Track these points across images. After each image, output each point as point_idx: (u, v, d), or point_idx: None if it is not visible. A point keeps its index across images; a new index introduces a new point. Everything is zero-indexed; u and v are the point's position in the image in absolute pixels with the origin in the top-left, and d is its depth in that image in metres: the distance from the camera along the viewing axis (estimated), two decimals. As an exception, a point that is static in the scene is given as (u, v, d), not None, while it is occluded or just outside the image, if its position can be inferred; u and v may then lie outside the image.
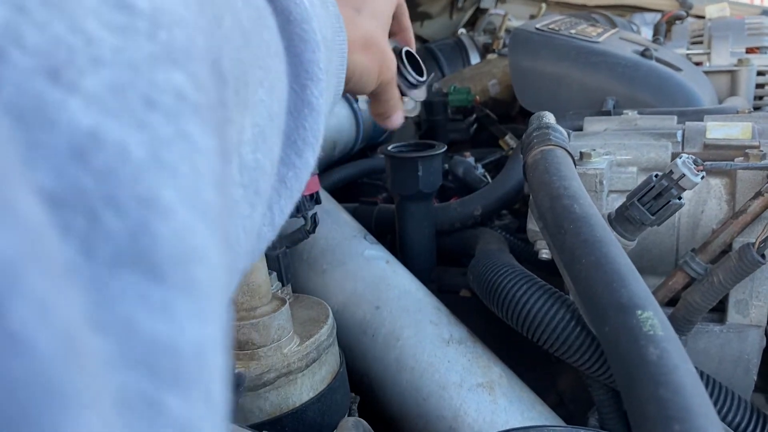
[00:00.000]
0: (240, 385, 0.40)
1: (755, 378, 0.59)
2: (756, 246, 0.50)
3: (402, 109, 0.55)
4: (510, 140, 1.05)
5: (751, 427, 0.53)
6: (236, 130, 0.21)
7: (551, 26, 0.92)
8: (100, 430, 0.11)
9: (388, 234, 0.83)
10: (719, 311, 0.58)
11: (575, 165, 0.53)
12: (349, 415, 0.49)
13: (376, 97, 0.55)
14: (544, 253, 0.62)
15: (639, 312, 0.34)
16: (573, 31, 0.91)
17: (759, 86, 0.99)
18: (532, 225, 0.63)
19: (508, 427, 0.53)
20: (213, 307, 0.15)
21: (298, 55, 0.28)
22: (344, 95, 0.59)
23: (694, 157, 0.49)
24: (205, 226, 0.15)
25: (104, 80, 0.14)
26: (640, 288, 0.36)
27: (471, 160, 0.96)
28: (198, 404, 0.14)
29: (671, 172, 0.48)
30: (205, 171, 0.16)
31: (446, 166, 0.95)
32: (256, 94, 0.23)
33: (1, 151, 0.11)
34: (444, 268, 0.83)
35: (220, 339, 0.15)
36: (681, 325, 0.55)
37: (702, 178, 0.48)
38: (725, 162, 0.52)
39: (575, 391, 0.70)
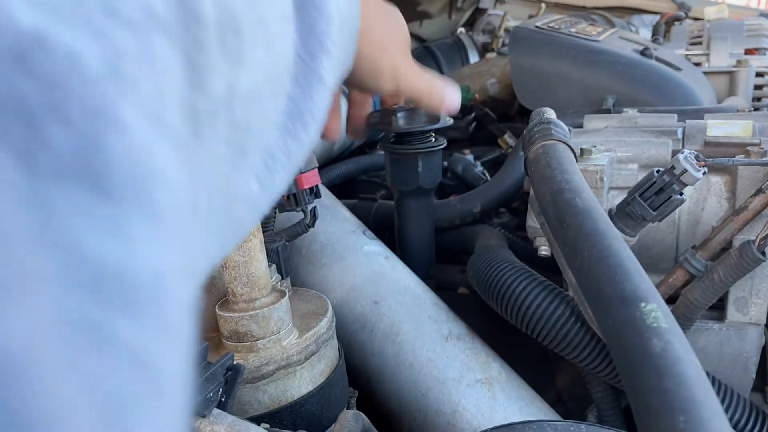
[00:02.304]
0: (238, 377, 0.40)
1: (754, 376, 0.59)
2: (756, 243, 0.50)
3: (448, 92, 0.54)
4: (509, 139, 1.05)
5: (750, 425, 0.53)
6: (225, 82, 0.20)
7: (551, 25, 0.92)
8: (29, 335, 0.10)
9: (386, 230, 0.83)
10: (719, 309, 0.58)
11: (576, 160, 0.53)
12: (347, 409, 0.49)
13: (409, 98, 0.55)
14: (543, 250, 0.62)
15: (642, 304, 0.34)
16: (573, 30, 0.91)
17: (757, 87, 0.99)
18: (532, 221, 0.62)
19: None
20: (174, 233, 0.14)
21: (309, 23, 0.27)
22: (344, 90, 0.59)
23: (696, 152, 0.48)
24: (169, 147, 0.14)
25: None
26: (643, 281, 0.35)
27: (470, 157, 0.96)
28: (153, 332, 0.13)
29: (673, 167, 0.48)
30: (171, 92, 0.15)
31: (445, 163, 0.95)
32: (254, 52, 0.22)
33: None
34: (442, 266, 0.83)
35: (184, 267, 0.14)
36: (681, 323, 0.55)
37: (704, 173, 0.48)
38: (727, 158, 0.52)
39: (574, 389, 0.70)
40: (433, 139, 0.70)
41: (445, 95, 0.54)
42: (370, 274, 0.65)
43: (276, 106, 0.26)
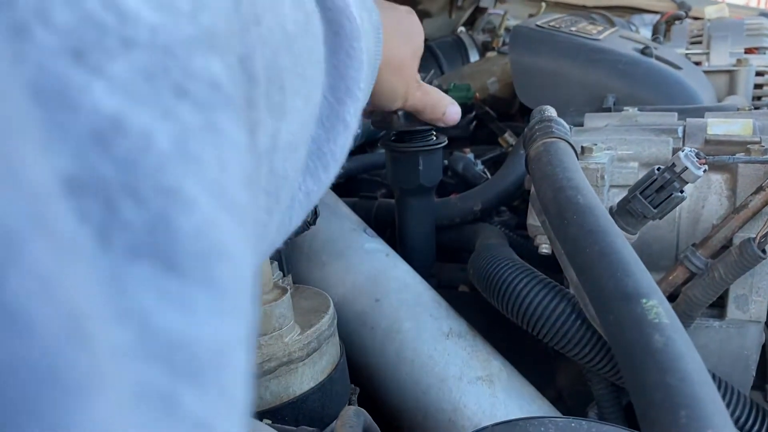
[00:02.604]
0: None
1: (754, 374, 0.59)
2: (756, 241, 0.50)
3: (450, 106, 0.57)
4: (509, 138, 1.05)
5: (750, 422, 0.53)
6: (269, 134, 0.20)
7: (552, 23, 0.93)
8: (112, 422, 0.10)
9: (387, 229, 0.83)
10: (719, 307, 0.58)
11: (577, 158, 0.53)
12: (349, 406, 0.49)
13: (414, 111, 0.57)
14: (544, 248, 0.62)
15: (644, 300, 0.34)
16: (573, 29, 0.91)
17: (757, 86, 0.99)
18: (533, 220, 0.62)
19: (507, 420, 0.53)
20: (235, 304, 0.14)
21: (340, 69, 0.28)
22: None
23: (696, 150, 0.49)
24: (231, 221, 0.14)
25: (134, 64, 0.13)
26: (644, 277, 0.36)
27: (471, 156, 0.96)
28: (215, 401, 0.13)
29: (674, 165, 0.48)
30: (233, 166, 0.15)
31: (446, 162, 0.95)
32: (294, 102, 0.22)
33: (19, 132, 0.10)
34: (443, 264, 0.83)
35: (242, 337, 0.15)
36: (681, 320, 0.54)
37: (704, 171, 0.48)
38: (727, 156, 0.52)
39: (574, 387, 0.70)
40: (434, 137, 0.70)
41: (446, 109, 0.57)
42: (371, 271, 0.65)
43: (305, 149, 0.26)
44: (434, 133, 0.71)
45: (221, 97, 0.15)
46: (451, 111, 0.59)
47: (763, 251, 0.50)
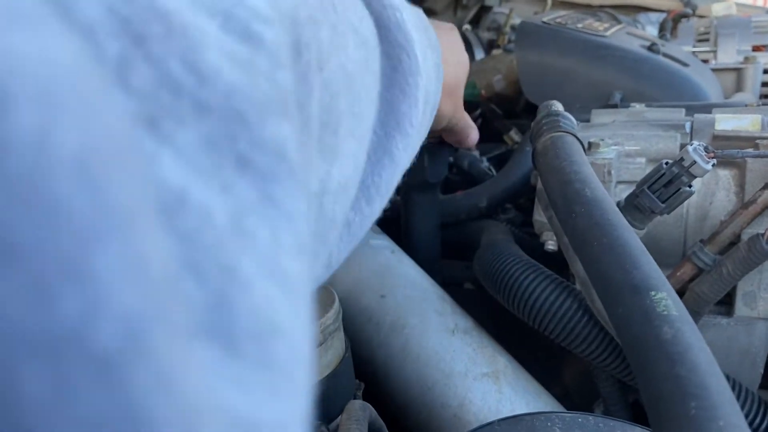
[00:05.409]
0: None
1: (762, 371, 0.59)
2: (765, 237, 0.50)
3: (474, 132, 0.58)
4: (514, 135, 1.04)
5: (758, 419, 0.53)
6: (319, 178, 0.20)
7: (558, 20, 0.92)
8: None
9: (392, 225, 0.83)
10: (727, 304, 0.58)
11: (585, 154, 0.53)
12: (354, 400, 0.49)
13: (445, 132, 0.57)
14: (550, 244, 0.61)
15: (653, 293, 0.33)
16: (580, 25, 0.91)
17: (765, 84, 0.99)
18: (539, 215, 0.62)
19: (513, 416, 0.53)
20: (292, 381, 0.14)
21: (392, 103, 0.27)
22: None
23: (705, 144, 0.48)
24: (285, 297, 0.14)
25: (201, 133, 0.13)
26: (653, 269, 0.35)
27: (476, 153, 0.96)
28: None
29: (682, 159, 0.48)
30: (287, 239, 0.15)
31: (451, 159, 0.94)
32: (347, 143, 0.21)
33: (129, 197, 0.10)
34: (448, 261, 0.83)
35: (300, 413, 0.14)
36: (689, 316, 0.55)
37: (713, 165, 0.48)
38: (736, 150, 0.52)
39: (580, 384, 0.70)
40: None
41: (471, 133, 0.58)
42: (377, 267, 0.65)
43: (355, 190, 0.25)
44: None
45: (284, 166, 0.15)
46: (473, 136, 0.60)
47: (772, 247, 0.50)
